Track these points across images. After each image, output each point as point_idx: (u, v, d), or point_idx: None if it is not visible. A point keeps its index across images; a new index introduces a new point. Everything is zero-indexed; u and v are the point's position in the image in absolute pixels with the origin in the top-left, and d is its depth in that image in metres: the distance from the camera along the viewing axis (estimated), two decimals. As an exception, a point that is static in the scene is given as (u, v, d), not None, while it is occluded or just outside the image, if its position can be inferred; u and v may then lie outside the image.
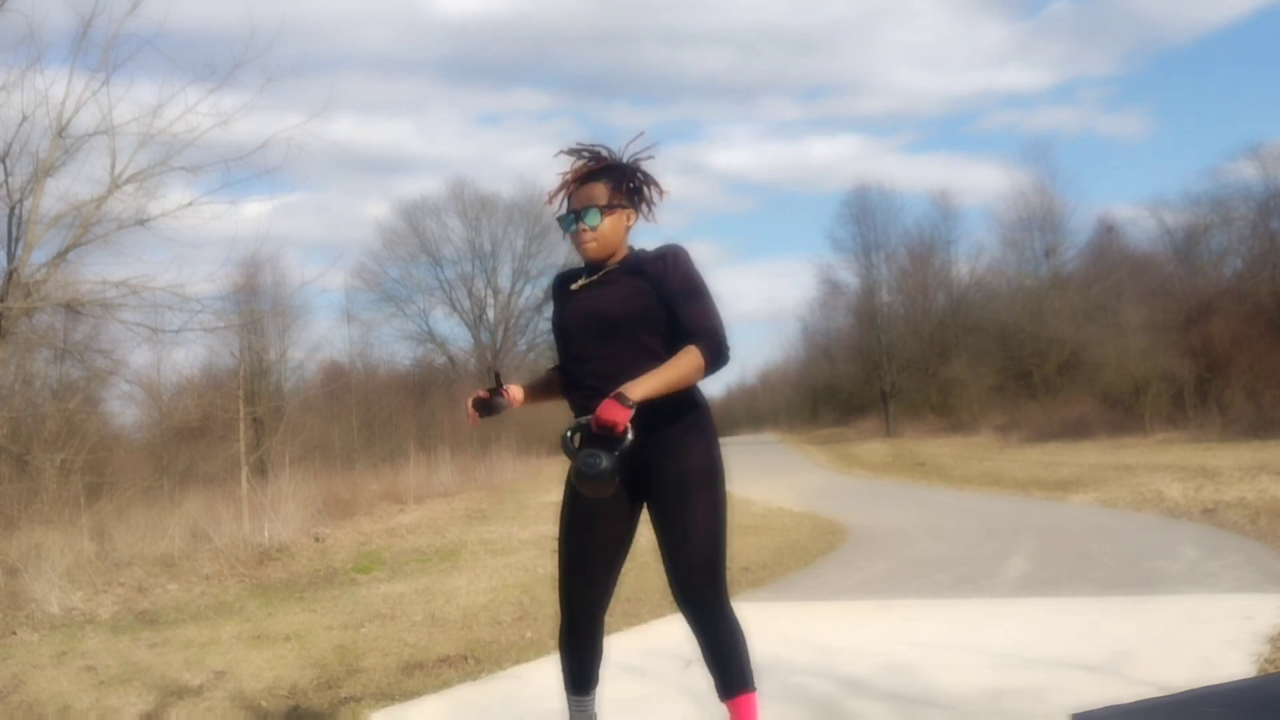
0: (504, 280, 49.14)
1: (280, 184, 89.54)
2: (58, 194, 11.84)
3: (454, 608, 8.16)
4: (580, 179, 3.21)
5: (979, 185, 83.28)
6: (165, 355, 18.29)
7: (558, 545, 3.34)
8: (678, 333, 3.11)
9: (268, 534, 12.59)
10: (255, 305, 26.03)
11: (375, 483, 20.22)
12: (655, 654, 5.55)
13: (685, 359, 3.02)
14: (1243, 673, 4.77)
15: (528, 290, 49.09)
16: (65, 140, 11.54)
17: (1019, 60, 79.49)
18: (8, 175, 11.46)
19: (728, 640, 3.14)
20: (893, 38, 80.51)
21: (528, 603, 8.05)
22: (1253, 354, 28.61)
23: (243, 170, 17.01)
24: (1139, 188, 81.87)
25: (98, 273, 12.87)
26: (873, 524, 13.28)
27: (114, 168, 11.51)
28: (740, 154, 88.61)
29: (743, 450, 37.96)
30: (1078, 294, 38.28)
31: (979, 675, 5.07)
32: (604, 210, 3.17)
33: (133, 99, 19.62)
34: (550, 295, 3.44)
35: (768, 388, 74.87)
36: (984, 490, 18.64)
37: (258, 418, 22.55)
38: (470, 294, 49.04)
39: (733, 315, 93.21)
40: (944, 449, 31.08)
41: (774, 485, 19.78)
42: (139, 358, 25.75)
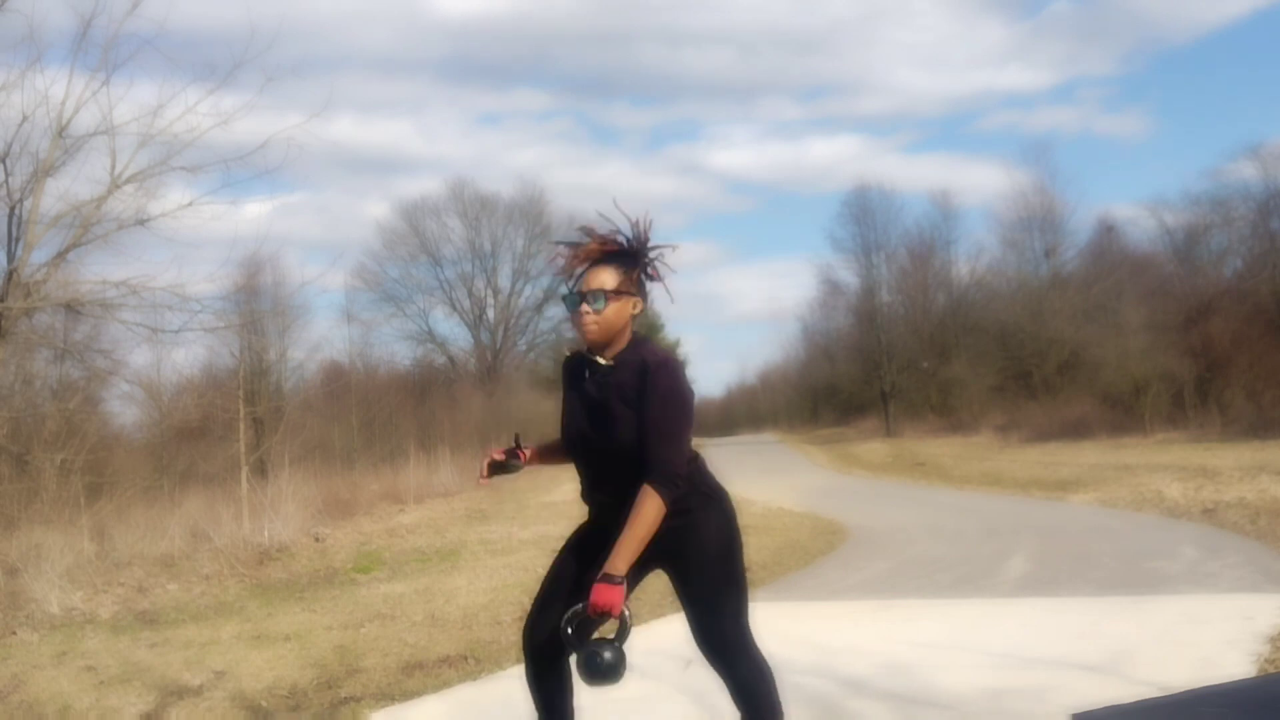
0: (504, 280, 49.22)
1: (280, 184, 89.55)
2: (58, 194, 11.85)
3: (454, 608, 8.16)
4: (592, 261, 3.14)
5: (979, 185, 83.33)
6: (165, 355, 18.35)
7: (542, 579, 3.33)
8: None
9: (268, 534, 12.59)
10: (255, 305, 26.00)
11: (375, 483, 20.22)
12: (655, 654, 5.55)
13: (649, 508, 2.98)
14: (1243, 673, 4.78)
15: (528, 290, 49.19)
16: (65, 140, 11.55)
17: (1019, 60, 79.52)
18: (8, 175, 11.47)
19: (756, 681, 3.11)
20: (893, 38, 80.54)
21: (528, 603, 8.01)
22: (1253, 354, 28.60)
23: (243, 170, 16.99)
24: (1139, 188, 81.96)
25: (98, 273, 12.87)
26: (873, 524, 13.28)
27: (114, 168, 11.52)
28: (740, 154, 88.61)
29: (743, 450, 37.95)
30: (1078, 294, 38.26)
31: (979, 675, 5.07)
32: (610, 296, 3.09)
33: (133, 99, 19.63)
34: (559, 377, 3.36)
35: (768, 388, 74.77)
36: (984, 490, 18.63)
37: (258, 418, 22.54)
38: (470, 294, 49.09)
39: (733, 315, 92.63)
40: (944, 449, 31.06)
41: (774, 485, 19.78)
42: (139, 358, 25.77)
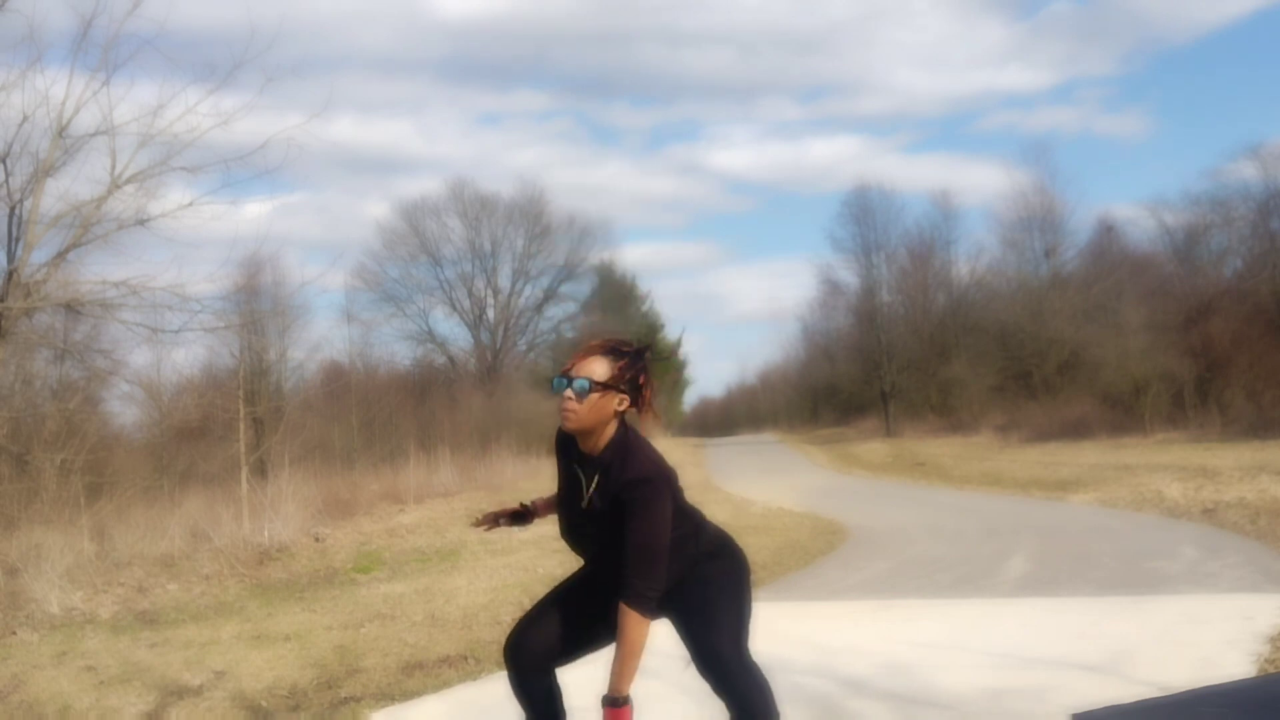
0: (504, 280, 49.15)
1: (280, 184, 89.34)
2: (58, 194, 11.86)
3: (454, 608, 8.16)
4: (590, 351, 3.16)
5: (979, 185, 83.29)
6: (165, 355, 18.37)
7: (542, 597, 3.38)
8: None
9: (268, 534, 12.59)
10: (255, 305, 25.99)
11: (375, 483, 20.20)
12: (655, 654, 5.54)
13: (633, 630, 3.03)
14: (1243, 673, 4.78)
15: (528, 290, 49.14)
16: (65, 140, 11.55)
17: (1019, 60, 79.46)
18: (8, 175, 11.47)
19: (755, 697, 3.15)
20: (892, 38, 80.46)
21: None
22: (1253, 354, 28.59)
23: (243, 170, 16.98)
24: (1139, 188, 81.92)
25: (98, 273, 12.87)
26: (873, 524, 13.28)
27: (114, 168, 11.52)
28: (740, 154, 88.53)
29: (743, 450, 37.96)
30: (1078, 294, 38.24)
31: (979, 675, 5.07)
32: (595, 386, 3.07)
33: (133, 99, 19.74)
34: (553, 451, 3.37)
35: (768, 388, 74.75)
36: (984, 490, 18.64)
37: (258, 418, 22.53)
38: (470, 294, 49.02)
39: (733, 315, 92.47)
40: (944, 449, 31.06)
41: (774, 485, 19.78)
42: (139, 358, 25.82)
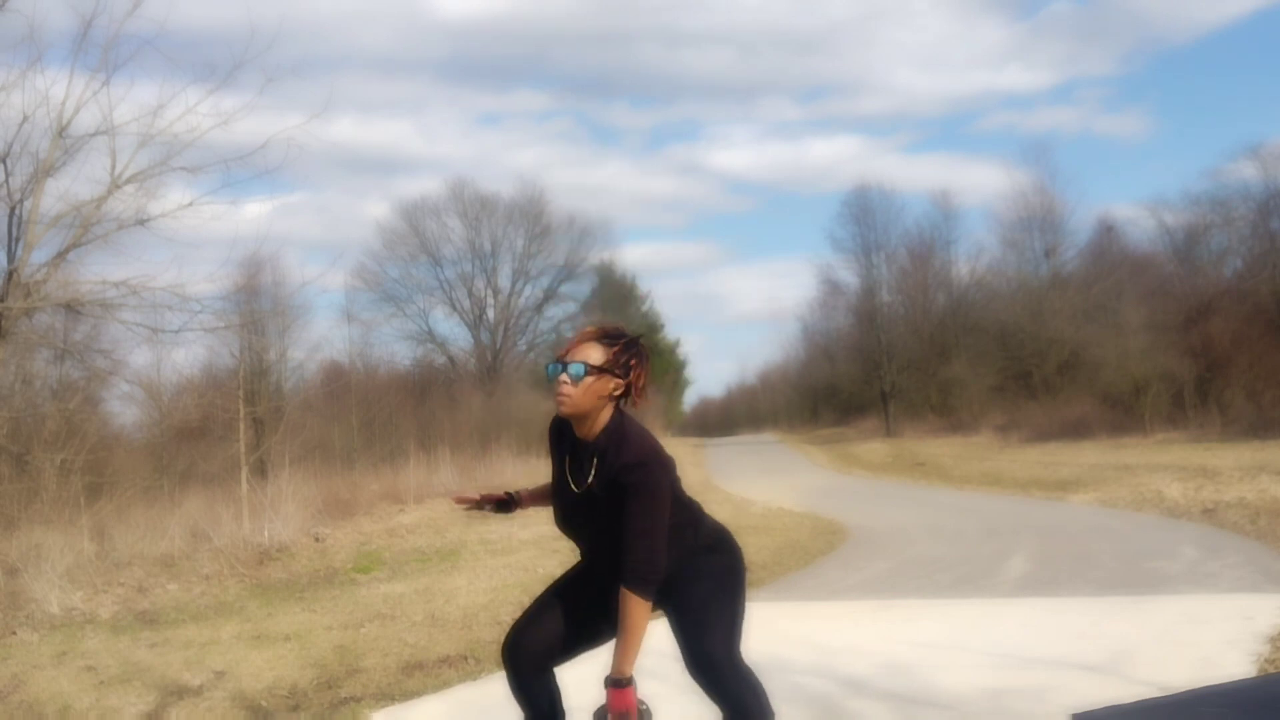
0: (504, 280, 49.15)
1: (280, 184, 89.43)
2: (58, 194, 11.85)
3: (454, 608, 8.16)
4: (584, 337, 3.21)
5: (979, 185, 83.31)
6: (165, 355, 18.36)
7: (539, 595, 3.42)
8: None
9: (268, 534, 12.59)
10: (255, 305, 26.00)
11: (375, 483, 20.19)
12: (655, 654, 5.54)
13: (634, 611, 3.06)
14: (1243, 673, 4.78)
15: (528, 290, 49.14)
16: (65, 140, 11.55)
17: (1018, 60, 79.49)
18: (8, 175, 11.47)
19: (749, 699, 3.16)
20: (892, 38, 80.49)
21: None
22: (1253, 354, 28.59)
23: (243, 170, 16.99)
24: (1139, 188, 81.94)
25: (98, 273, 12.85)
26: (873, 524, 13.28)
27: (114, 168, 11.52)
28: (740, 154, 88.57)
29: (743, 450, 37.96)
30: (1078, 294, 38.24)
31: (979, 675, 5.08)
32: (590, 370, 3.12)
33: (133, 99, 19.78)
34: (547, 438, 3.41)
35: (768, 388, 74.75)
36: (984, 490, 18.64)
37: (258, 418, 22.54)
38: (470, 294, 49.02)
39: (733, 315, 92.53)
40: (944, 449, 31.06)
41: (774, 485, 19.79)
42: (139, 358, 25.81)
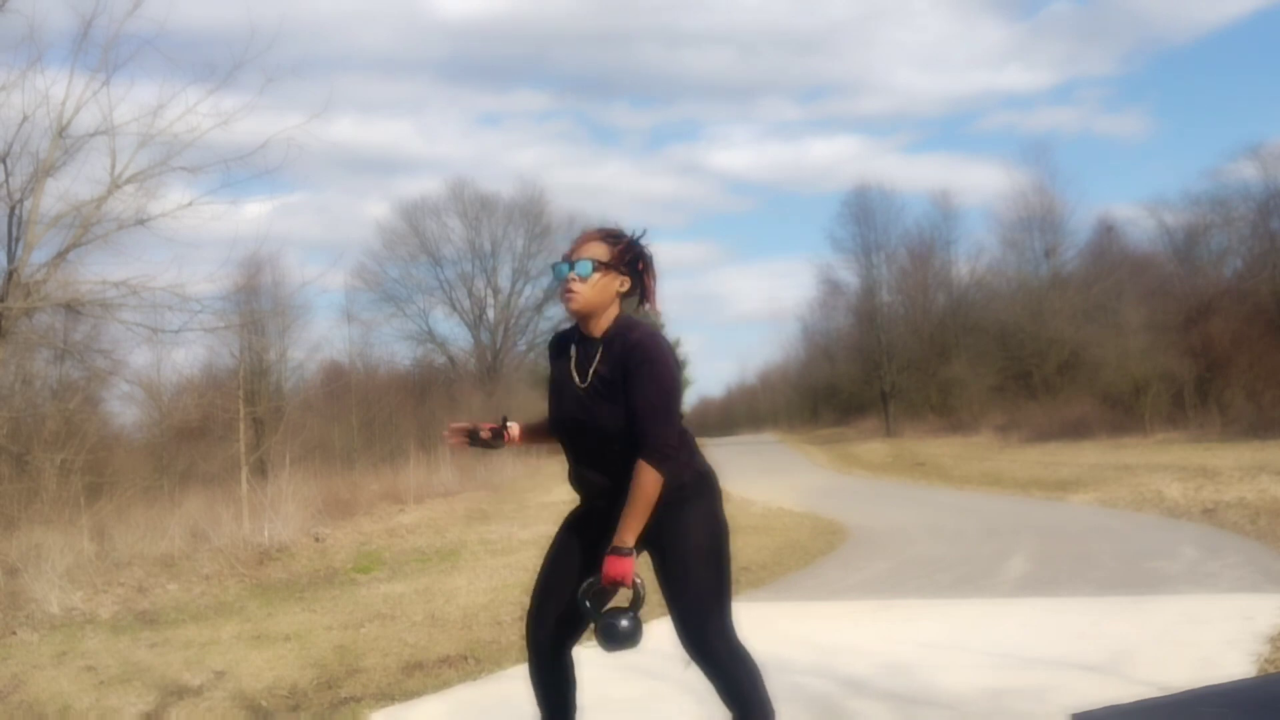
0: (504, 280, 49.20)
1: (280, 184, 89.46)
2: (58, 194, 11.87)
3: (454, 608, 8.16)
4: (588, 238, 3.19)
5: (979, 185, 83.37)
6: (165, 355, 18.36)
7: (538, 572, 3.36)
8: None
9: (268, 534, 12.59)
10: (255, 305, 26.08)
11: (375, 483, 20.21)
12: (655, 654, 5.54)
13: (647, 481, 3.02)
14: (1243, 673, 4.78)
15: (528, 290, 49.16)
16: (65, 140, 11.56)
17: (1018, 60, 79.50)
18: (8, 175, 11.49)
19: (742, 675, 3.13)
20: (892, 38, 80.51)
21: (528, 602, 8.04)
22: (1253, 354, 28.59)
23: (243, 170, 16.99)
24: (1139, 188, 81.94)
25: (98, 273, 12.84)
26: (873, 524, 13.28)
27: (114, 168, 11.53)
28: (740, 154, 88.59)
29: (743, 450, 37.94)
30: (1078, 294, 38.25)
31: (979, 675, 5.07)
32: (598, 266, 3.11)
33: (133, 99, 19.78)
34: (547, 354, 3.39)
35: (768, 388, 74.77)
36: (984, 490, 18.63)
37: (258, 418, 22.56)
38: (470, 294, 49.07)
39: (733, 315, 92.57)
40: (944, 449, 31.06)
41: (774, 485, 19.78)
42: (139, 358, 25.82)
